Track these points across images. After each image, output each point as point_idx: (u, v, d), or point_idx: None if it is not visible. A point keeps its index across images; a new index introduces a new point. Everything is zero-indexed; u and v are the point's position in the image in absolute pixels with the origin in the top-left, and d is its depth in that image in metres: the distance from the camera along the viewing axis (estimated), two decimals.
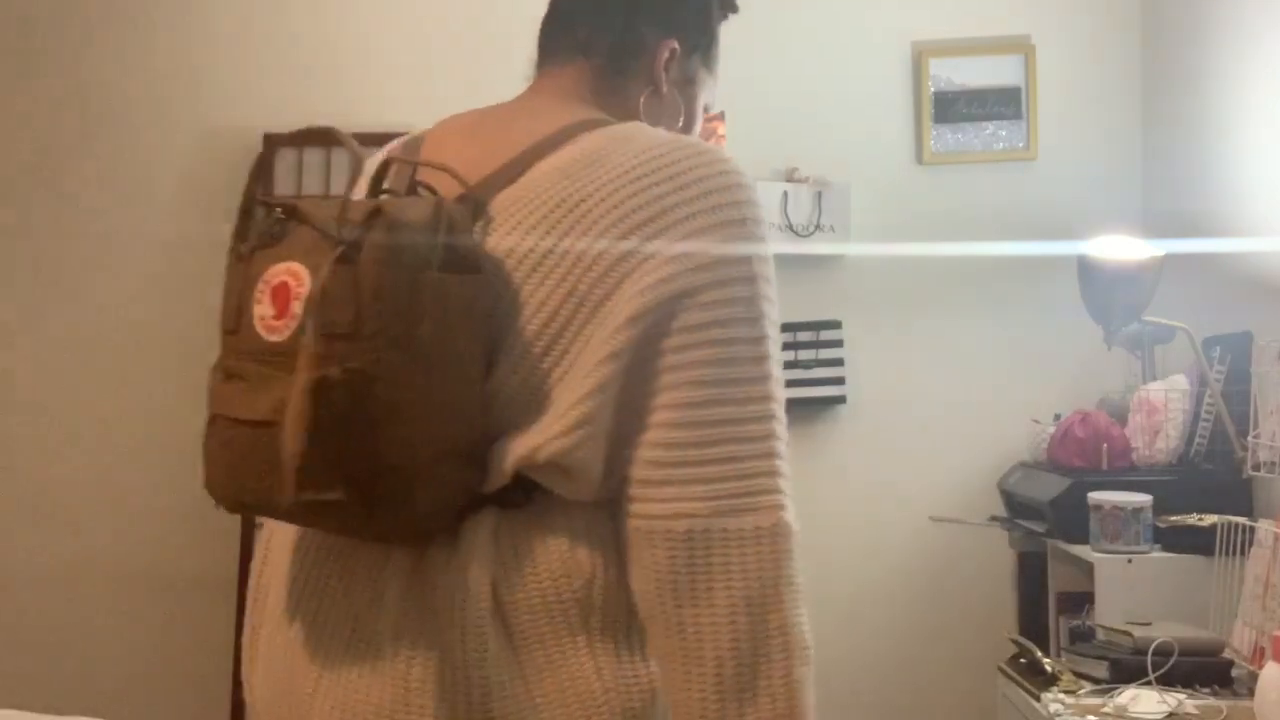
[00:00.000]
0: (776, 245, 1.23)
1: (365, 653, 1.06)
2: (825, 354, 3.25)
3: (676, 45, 1.30)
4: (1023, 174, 3.35)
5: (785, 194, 3.29)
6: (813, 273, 3.24)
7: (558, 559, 1.07)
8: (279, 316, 1.01)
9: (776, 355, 1.11)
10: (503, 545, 1.07)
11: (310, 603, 1.11)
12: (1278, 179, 2.61)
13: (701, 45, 1.34)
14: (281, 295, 1.01)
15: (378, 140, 3.62)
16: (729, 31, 1.42)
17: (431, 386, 1.00)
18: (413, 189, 1.12)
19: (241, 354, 1.05)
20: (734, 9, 1.40)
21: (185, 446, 3.41)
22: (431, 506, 1.03)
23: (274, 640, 1.15)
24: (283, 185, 3.35)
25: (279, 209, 1.06)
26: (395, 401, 0.98)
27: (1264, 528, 2.31)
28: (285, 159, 3.37)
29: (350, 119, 3.39)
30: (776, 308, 1.12)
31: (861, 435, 3.28)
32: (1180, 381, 2.77)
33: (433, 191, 1.11)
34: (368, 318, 0.97)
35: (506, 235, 1.09)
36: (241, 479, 1.03)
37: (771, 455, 1.07)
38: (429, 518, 1.04)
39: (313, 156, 3.38)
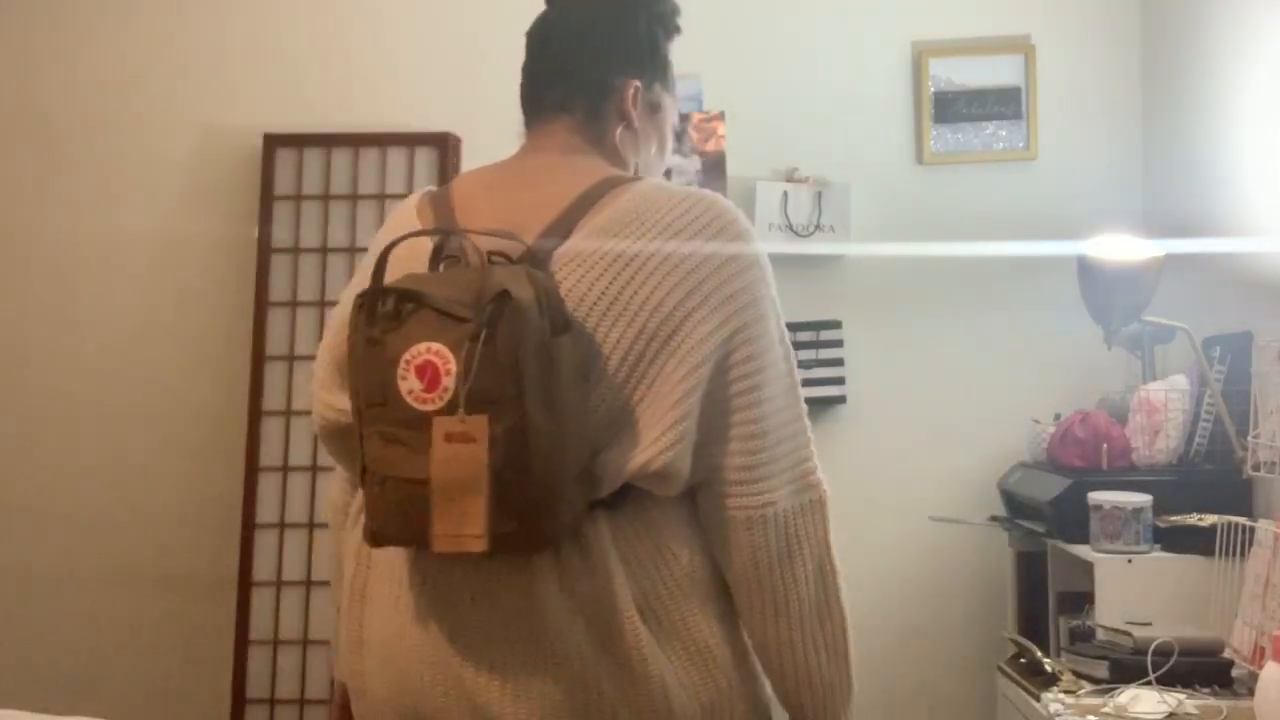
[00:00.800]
0: (777, 245, 1.34)
1: (527, 651, 1.30)
2: (825, 354, 3.25)
3: (639, 83, 1.52)
4: (1023, 174, 3.35)
5: (785, 194, 3.29)
6: (813, 273, 3.24)
7: (664, 545, 1.35)
8: (429, 390, 1.22)
9: (791, 353, 1.44)
10: (619, 541, 1.33)
11: (448, 613, 1.32)
12: (1278, 179, 2.61)
13: (659, 74, 1.55)
14: (429, 372, 1.22)
15: (378, 140, 3.64)
16: (730, 32, 1.43)
17: (563, 428, 1.25)
18: (485, 258, 1.32)
19: (394, 423, 1.24)
20: (678, 31, 1.60)
21: (185, 446, 3.44)
22: (569, 519, 1.28)
23: (399, 643, 1.35)
24: (283, 185, 3.35)
25: (399, 294, 1.26)
26: (541, 445, 1.22)
27: (1264, 528, 2.31)
28: (285, 159, 3.38)
29: (350, 119, 3.40)
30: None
31: (861, 435, 3.27)
32: (1180, 381, 2.77)
33: (509, 260, 1.32)
34: (508, 384, 1.21)
35: (573, 288, 1.32)
36: (413, 525, 1.23)
37: (810, 440, 1.41)
38: (566, 528, 1.28)
39: (313, 156, 3.38)
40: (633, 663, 1.30)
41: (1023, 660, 2.57)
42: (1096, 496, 2.55)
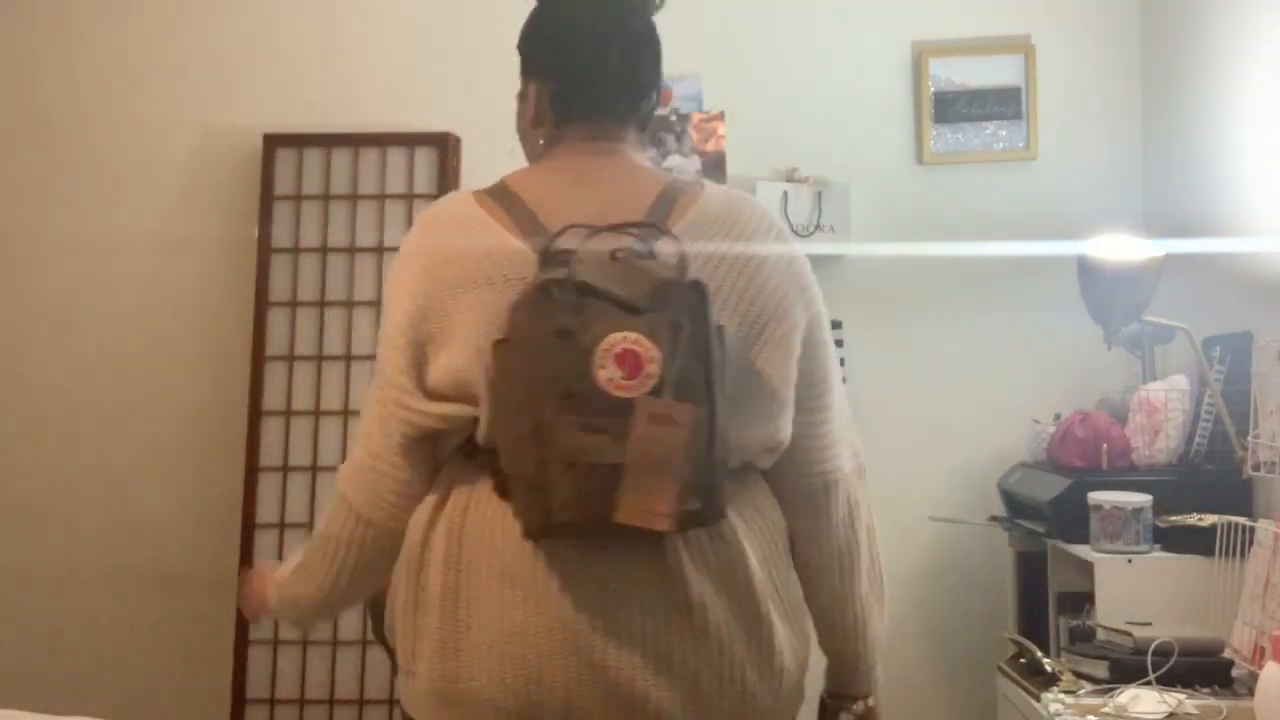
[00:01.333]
0: None
1: (668, 627, 1.37)
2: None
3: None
4: (1023, 174, 3.35)
5: (785, 194, 3.29)
6: (812, 273, 3.24)
7: (763, 511, 1.47)
8: (630, 377, 1.28)
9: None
10: (736, 512, 1.42)
11: (582, 602, 1.36)
12: (1278, 179, 2.61)
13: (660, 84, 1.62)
14: (630, 360, 1.28)
15: (378, 140, 3.63)
16: (730, 32, 1.44)
17: (730, 411, 1.35)
18: (607, 255, 1.38)
19: (593, 411, 1.28)
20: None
21: (185, 446, 3.44)
22: (729, 494, 1.37)
23: (523, 641, 1.36)
24: (283, 185, 3.36)
25: (579, 288, 1.32)
26: (720, 428, 1.32)
27: (1264, 528, 2.31)
28: (285, 159, 3.38)
29: (350, 119, 3.40)
30: None
31: (861, 435, 3.25)
32: (1180, 381, 2.77)
33: (642, 256, 1.39)
34: (700, 371, 1.31)
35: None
36: (593, 509, 1.29)
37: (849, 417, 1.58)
38: (727, 503, 1.37)
39: (313, 156, 3.38)
40: (761, 626, 1.41)
41: (1023, 660, 2.57)
42: (1096, 496, 2.55)
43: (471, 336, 1.39)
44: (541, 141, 1.56)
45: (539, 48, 1.57)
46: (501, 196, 1.47)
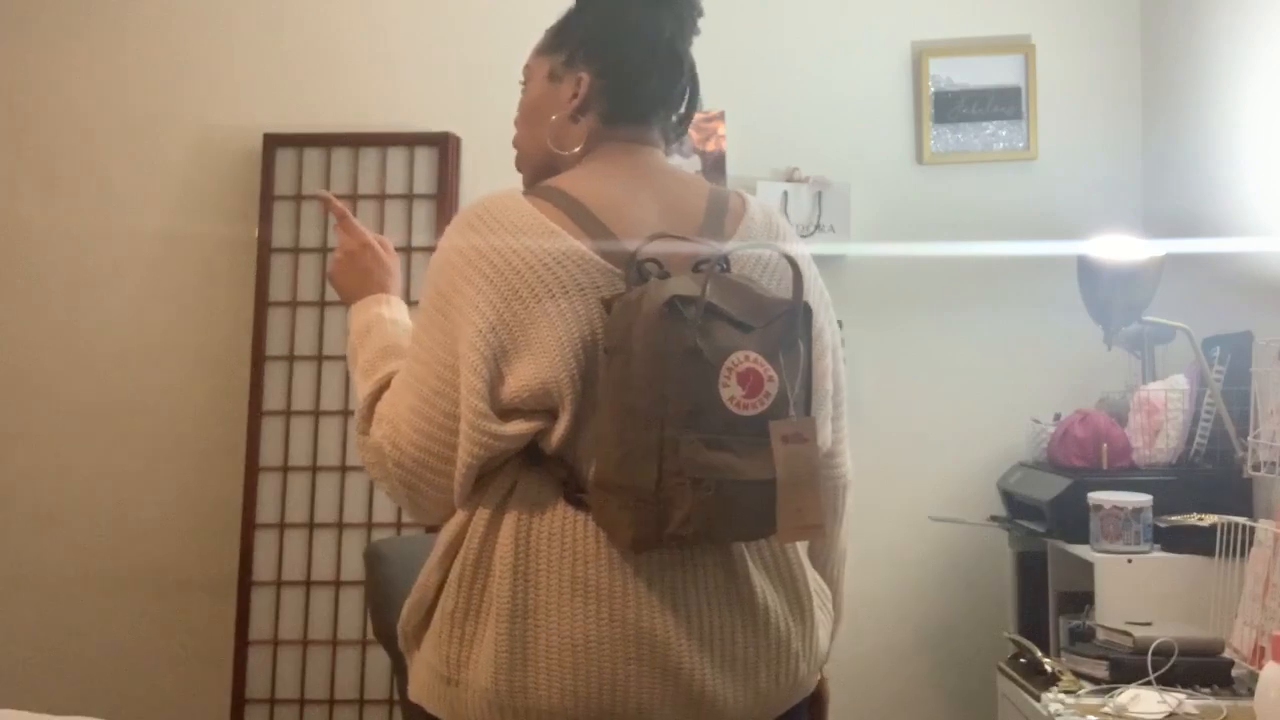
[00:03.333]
0: None
1: (734, 624, 1.41)
2: None
3: None
4: (1023, 174, 3.35)
5: (785, 194, 3.29)
6: None
7: None
8: (750, 395, 1.32)
9: None
10: None
11: (655, 607, 1.38)
12: (1278, 179, 2.61)
13: None
14: (751, 379, 1.33)
15: (378, 140, 3.63)
16: (730, 31, 1.44)
17: None
18: (693, 268, 1.41)
19: (717, 428, 1.31)
20: None
21: (185, 446, 3.44)
22: None
23: (596, 649, 1.37)
24: (283, 185, 3.36)
25: (705, 308, 1.34)
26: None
27: (1264, 528, 2.31)
28: (285, 159, 3.38)
29: (350, 119, 3.40)
30: None
31: (861, 435, 3.24)
32: (1180, 381, 2.77)
33: (720, 268, 1.41)
34: (806, 387, 1.38)
35: None
36: (738, 524, 1.35)
37: None
38: None
39: (313, 156, 3.38)
40: (808, 613, 1.47)
41: (1023, 660, 2.57)
42: (1096, 496, 2.55)
43: (555, 347, 1.37)
44: (580, 140, 1.54)
45: (601, 40, 1.55)
46: (558, 199, 1.44)
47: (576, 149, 1.54)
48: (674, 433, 1.30)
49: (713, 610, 1.40)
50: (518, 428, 1.38)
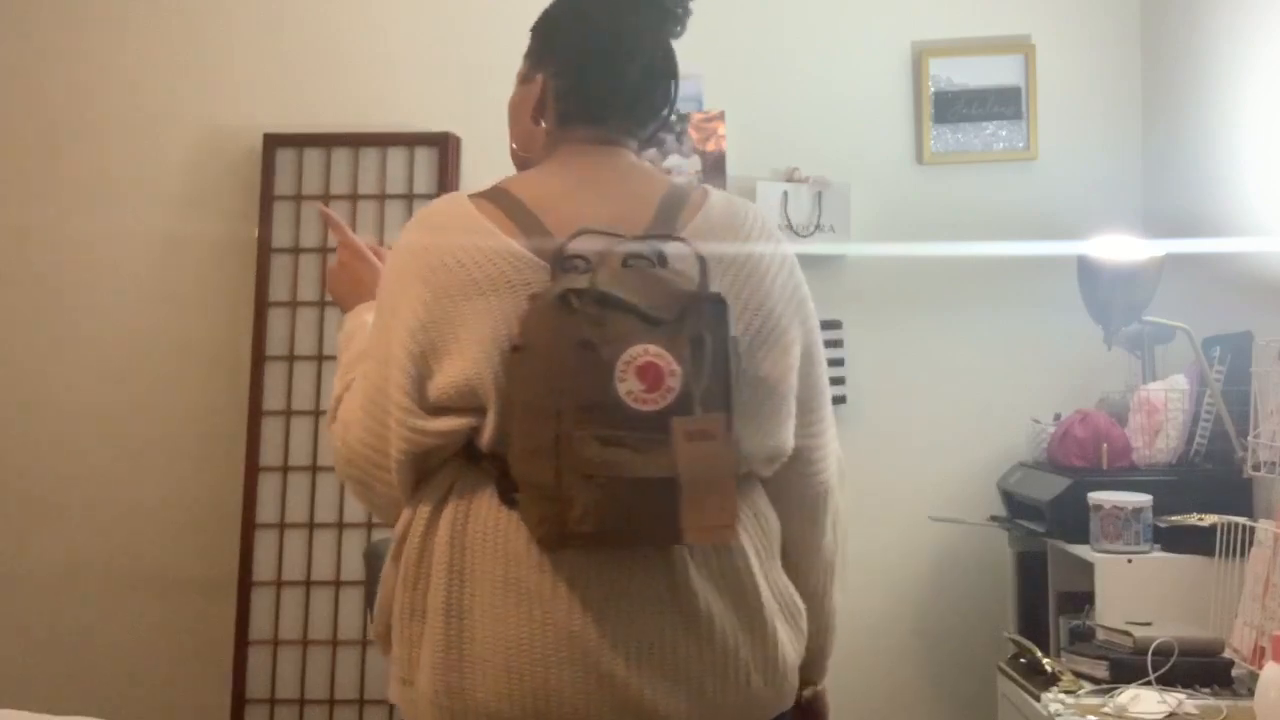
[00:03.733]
0: None
1: (676, 634, 1.36)
2: (825, 354, 3.24)
3: None
4: (1023, 174, 3.35)
5: (785, 194, 3.29)
6: (813, 273, 3.16)
7: (760, 514, 1.45)
8: (650, 390, 1.27)
9: None
10: (739, 518, 1.40)
11: (592, 612, 1.34)
12: (1278, 179, 2.61)
13: None
14: (651, 373, 1.27)
15: (378, 140, 3.63)
16: (730, 31, 1.44)
17: (740, 422, 1.34)
18: (625, 261, 1.36)
19: (614, 424, 1.27)
20: None
21: (185, 447, 3.43)
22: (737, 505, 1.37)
23: (529, 652, 1.34)
24: (283, 185, 3.36)
25: (598, 298, 1.30)
26: (735, 439, 1.32)
27: (1264, 528, 2.30)
28: (285, 159, 3.38)
29: (350, 119, 3.40)
30: None
31: (861, 435, 3.27)
32: (1180, 381, 2.77)
33: (653, 264, 1.36)
34: (721, 382, 1.30)
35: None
36: (638, 522, 1.29)
37: None
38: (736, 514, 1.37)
39: (313, 156, 3.38)
40: (765, 628, 1.41)
41: (1023, 660, 2.57)
42: (1096, 496, 2.55)
43: (479, 344, 1.35)
44: (541, 142, 1.54)
45: (558, 40, 1.53)
46: (500, 199, 1.43)
47: (541, 151, 1.54)
48: (570, 429, 1.27)
49: (648, 617, 1.35)
50: (447, 424, 1.37)
